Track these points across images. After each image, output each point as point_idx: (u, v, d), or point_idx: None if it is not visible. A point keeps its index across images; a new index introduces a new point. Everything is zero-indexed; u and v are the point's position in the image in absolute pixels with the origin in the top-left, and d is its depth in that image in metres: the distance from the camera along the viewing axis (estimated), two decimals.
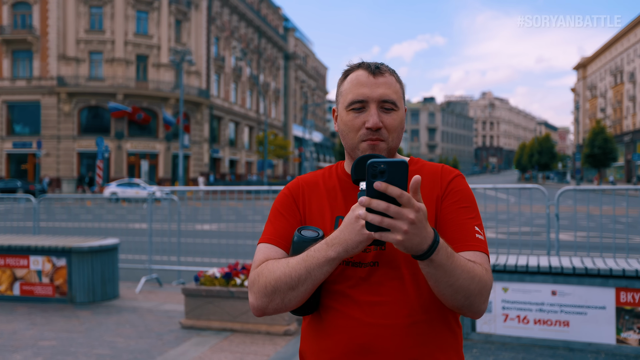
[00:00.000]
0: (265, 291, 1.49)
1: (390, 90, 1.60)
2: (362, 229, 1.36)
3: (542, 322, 5.40)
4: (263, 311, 1.53)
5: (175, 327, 6.10)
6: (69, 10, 42.54)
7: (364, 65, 1.63)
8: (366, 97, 1.57)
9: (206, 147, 48.73)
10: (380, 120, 1.57)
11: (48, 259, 7.35)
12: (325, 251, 1.42)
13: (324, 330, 1.56)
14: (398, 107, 1.61)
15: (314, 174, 1.75)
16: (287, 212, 1.66)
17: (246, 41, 58.71)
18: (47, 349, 5.43)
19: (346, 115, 1.61)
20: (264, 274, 1.51)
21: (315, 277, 1.44)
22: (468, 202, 1.60)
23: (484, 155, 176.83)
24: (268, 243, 1.62)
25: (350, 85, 1.61)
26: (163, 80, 44.56)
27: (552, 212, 6.75)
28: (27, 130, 43.35)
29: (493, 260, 5.60)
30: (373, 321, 1.49)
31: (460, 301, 1.45)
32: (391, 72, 1.64)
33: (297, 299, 1.48)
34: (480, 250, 1.52)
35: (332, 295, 1.56)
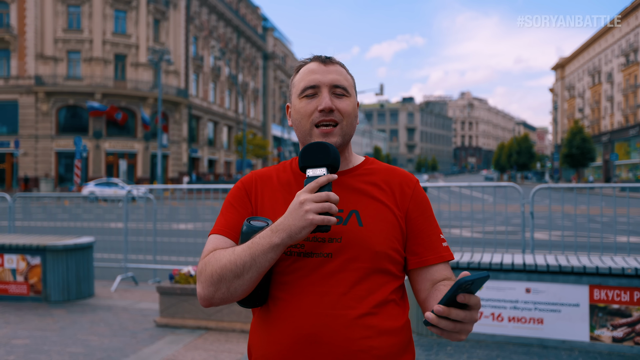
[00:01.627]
0: (212, 280, 1.48)
1: (342, 77, 1.64)
2: (306, 214, 1.38)
3: (517, 319, 5.45)
4: (210, 301, 1.52)
5: (150, 326, 6.07)
6: (46, 9, 42.02)
7: (315, 58, 1.68)
8: (318, 81, 1.61)
9: (185, 147, 48.46)
10: (333, 104, 1.60)
11: (22, 258, 7.26)
12: (269, 237, 1.42)
13: (272, 322, 1.55)
14: (350, 94, 1.65)
15: (269, 169, 1.75)
16: (239, 204, 1.66)
17: (225, 41, 58.48)
18: (20, 348, 5.36)
19: (299, 103, 1.64)
20: (210, 262, 1.50)
21: (260, 264, 1.44)
22: (430, 211, 1.69)
23: (463, 155, 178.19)
24: (218, 234, 1.61)
25: (302, 75, 1.66)
26: (141, 79, 44.21)
27: (527, 211, 6.82)
28: (4, 129, 42.71)
29: (468, 259, 5.65)
30: (321, 311, 1.49)
31: None
32: (341, 64, 1.69)
33: (242, 287, 1.47)
34: (449, 259, 1.64)
35: (281, 286, 1.55)
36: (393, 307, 1.57)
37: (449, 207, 7.88)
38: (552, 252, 7.11)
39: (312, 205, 1.38)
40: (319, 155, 1.48)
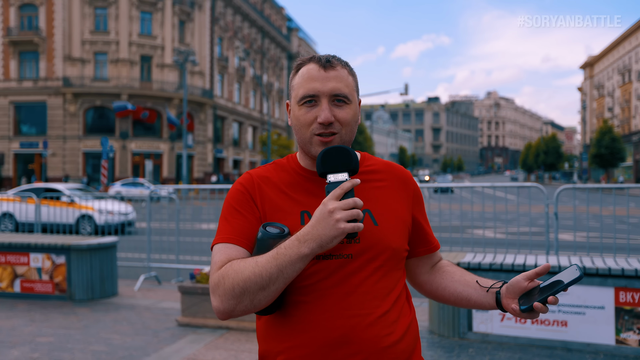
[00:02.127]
0: (233, 293, 1.43)
1: (342, 84, 1.58)
2: (337, 224, 1.35)
3: (540, 321, 5.37)
4: (230, 314, 1.48)
5: (172, 325, 6.11)
6: (74, 12, 42.68)
7: (314, 59, 1.61)
8: (317, 91, 1.56)
9: (210, 147, 48.80)
10: (333, 114, 1.55)
11: (48, 257, 7.37)
12: (297, 248, 1.38)
13: (296, 326, 1.53)
14: (350, 101, 1.60)
15: (264, 169, 1.70)
16: (244, 209, 1.59)
17: (249, 41, 58.77)
18: (44, 345, 5.45)
19: (298, 110, 1.59)
20: (229, 275, 1.44)
21: (287, 275, 1.41)
22: (424, 206, 1.79)
23: (490, 155, 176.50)
24: (227, 242, 1.54)
25: (301, 79, 1.60)
26: (167, 80, 44.66)
27: (551, 212, 6.72)
28: (33, 130, 43.51)
29: (490, 260, 5.59)
30: (348, 312, 1.50)
31: None
32: (343, 64, 1.63)
33: (267, 298, 1.44)
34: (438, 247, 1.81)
35: (303, 290, 1.53)
36: (405, 300, 1.63)
37: (471, 207, 7.80)
38: (577, 254, 6.99)
39: (342, 214, 1.35)
40: (340, 160, 1.45)
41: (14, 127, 43.61)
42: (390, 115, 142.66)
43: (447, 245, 8.02)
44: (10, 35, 42.58)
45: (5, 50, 43.15)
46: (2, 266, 7.54)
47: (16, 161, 43.71)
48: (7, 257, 7.52)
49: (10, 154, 43.30)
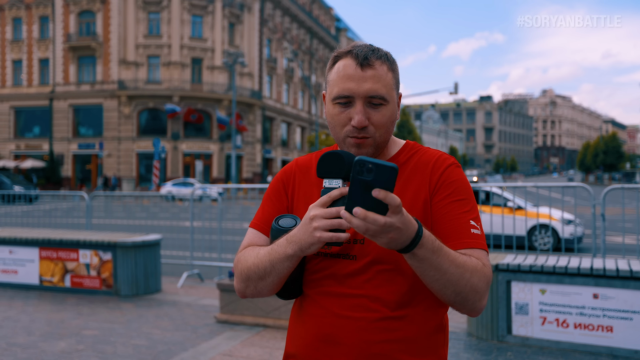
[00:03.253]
0: (242, 277, 1.55)
1: (379, 84, 1.49)
2: (314, 232, 1.34)
3: (583, 326, 5.20)
4: (243, 294, 1.60)
5: (211, 322, 6.21)
6: (129, 17, 43.85)
7: (352, 54, 1.51)
8: (352, 92, 1.48)
9: (259, 148, 49.31)
10: (367, 117, 1.49)
11: (95, 253, 7.60)
12: (285, 248, 1.43)
13: (301, 317, 1.59)
14: (387, 101, 1.51)
15: (310, 157, 1.70)
16: (276, 197, 1.66)
17: (298, 42, 59.09)
18: (89, 338, 5.63)
19: (332, 108, 1.54)
20: (241, 260, 1.57)
21: (279, 271, 1.47)
22: (463, 194, 1.51)
23: (545, 155, 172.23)
24: (254, 228, 1.64)
25: (336, 76, 1.52)
26: (217, 82, 45.37)
27: (598, 213, 6.51)
28: (90, 132, 44.94)
29: (531, 261, 5.46)
30: (340, 312, 1.49)
31: (450, 297, 1.41)
32: (383, 60, 1.52)
33: (267, 288, 1.53)
34: (476, 247, 1.46)
35: (310, 284, 1.57)
36: (421, 310, 1.50)
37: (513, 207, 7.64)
38: (625, 257, 6.76)
39: (321, 222, 1.33)
40: (334, 166, 1.42)
41: (73, 129, 45.16)
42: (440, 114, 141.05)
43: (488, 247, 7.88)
44: (70, 41, 44.14)
45: (66, 55, 44.73)
46: (54, 261, 7.82)
47: (74, 162, 45.23)
48: (58, 253, 7.80)
49: (69, 155, 44.86)
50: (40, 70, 46.00)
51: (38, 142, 45.85)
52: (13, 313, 6.68)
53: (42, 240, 7.88)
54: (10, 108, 46.32)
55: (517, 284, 5.40)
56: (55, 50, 44.96)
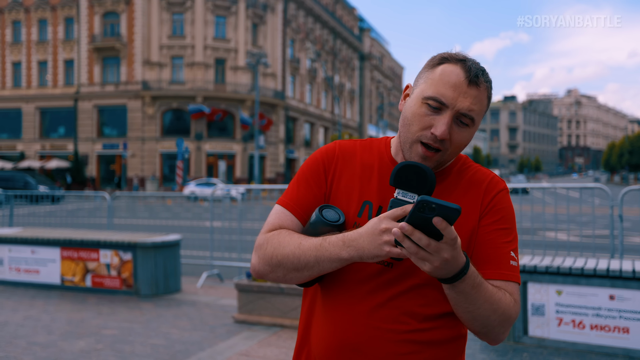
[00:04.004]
0: (271, 262, 1.47)
1: (477, 106, 1.44)
2: (383, 245, 1.30)
3: (600, 327, 5.17)
4: (262, 276, 1.52)
5: (229, 321, 6.28)
6: (153, 18, 44.31)
7: (465, 65, 1.45)
8: (450, 101, 1.42)
9: (282, 148, 49.46)
10: (449, 132, 1.43)
11: (116, 253, 7.72)
12: (339, 248, 1.37)
13: (324, 318, 1.53)
14: (474, 124, 1.47)
15: (354, 143, 1.63)
16: (314, 180, 1.57)
17: (321, 42, 59.13)
18: (108, 337, 5.73)
19: (419, 106, 1.46)
20: (273, 243, 1.47)
21: (322, 268, 1.41)
22: (508, 223, 1.51)
23: (570, 156, 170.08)
24: (286, 209, 1.55)
25: (440, 77, 1.44)
26: (240, 82, 45.62)
27: (616, 214, 6.44)
28: (115, 132, 45.51)
29: (547, 262, 5.43)
30: (370, 322, 1.45)
31: (477, 328, 1.43)
32: (487, 86, 1.48)
33: (298, 279, 1.47)
34: (512, 280, 1.46)
35: (338, 283, 1.50)
36: (447, 321, 1.50)
37: (531, 208, 7.60)
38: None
39: (392, 237, 1.27)
40: (414, 180, 1.36)
41: (97, 129, 45.79)
42: None
43: None
44: (95, 42, 44.74)
45: (90, 56, 45.36)
46: (75, 261, 7.96)
47: (99, 162, 45.85)
48: (79, 253, 7.94)
49: (94, 155, 45.48)
50: (65, 71, 46.71)
51: (63, 143, 46.57)
52: (34, 312, 6.82)
53: (63, 241, 8.02)
54: (36, 109, 47.13)
55: (533, 285, 5.38)
56: (80, 51, 45.62)
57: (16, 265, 8.40)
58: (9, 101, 47.76)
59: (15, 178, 32.06)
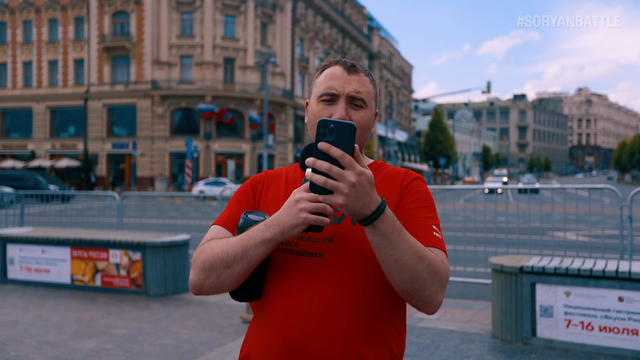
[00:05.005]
0: (203, 267, 1.51)
1: (362, 88, 1.63)
2: (299, 213, 1.37)
3: (609, 329, 5.15)
4: (199, 288, 1.54)
5: (237, 322, 6.31)
6: (162, 17, 44.46)
7: (340, 62, 1.66)
8: (337, 90, 1.60)
9: (290, 147, 49.53)
10: (348, 115, 1.59)
11: (125, 253, 7.77)
12: (262, 232, 1.43)
13: (263, 321, 1.55)
14: (367, 106, 1.63)
15: (281, 169, 1.79)
16: (243, 198, 1.70)
17: (330, 41, 59.13)
18: (117, 337, 5.76)
19: (316, 106, 1.64)
20: (204, 251, 1.53)
21: (250, 257, 1.45)
22: (427, 203, 1.62)
23: (580, 155, 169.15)
24: (219, 225, 1.65)
25: (324, 77, 1.65)
26: (249, 82, 45.70)
27: (625, 214, 6.42)
28: (124, 131, 45.72)
29: (556, 263, 5.41)
30: (312, 314, 1.48)
31: (409, 283, 1.41)
32: (367, 72, 1.67)
33: (232, 278, 1.48)
34: (437, 247, 1.52)
35: (274, 285, 1.55)
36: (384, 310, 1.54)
37: (540, 208, 7.56)
38: None
39: (307, 204, 1.37)
40: None
41: (107, 128, 46.02)
42: (474, 113, 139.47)
43: (514, 247, 7.82)
44: (105, 42, 44.95)
45: (100, 56, 45.60)
46: (85, 261, 8.02)
47: (109, 161, 46.08)
48: (89, 253, 7.99)
49: (104, 155, 45.71)
50: (75, 70, 46.97)
51: (73, 142, 46.83)
52: (45, 312, 6.88)
53: (73, 240, 8.08)
54: (46, 108, 47.42)
55: (541, 286, 5.36)
56: (90, 51, 45.86)
57: (27, 264, 8.47)
58: (20, 101, 48.10)
59: (26, 177, 32.28)
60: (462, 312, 6.73)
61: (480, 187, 8.89)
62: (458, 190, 10.47)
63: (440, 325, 6.13)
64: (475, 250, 7.98)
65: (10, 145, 48.45)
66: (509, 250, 7.67)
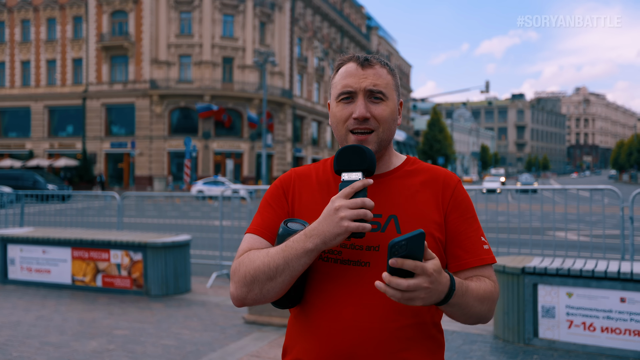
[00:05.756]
0: (245, 281, 1.49)
1: (380, 81, 1.59)
2: (340, 222, 1.36)
3: (610, 330, 5.16)
4: (242, 301, 1.53)
5: (239, 322, 6.31)
6: (161, 16, 44.40)
7: (354, 58, 1.63)
8: (353, 87, 1.58)
9: (289, 147, 49.50)
10: (369, 111, 1.56)
11: (126, 253, 7.76)
12: (303, 242, 1.41)
13: (309, 329, 1.55)
14: (387, 98, 1.60)
15: (308, 167, 1.74)
16: (276, 203, 1.65)
17: (329, 41, 59.10)
18: (119, 338, 5.76)
19: (336, 106, 1.62)
20: (244, 263, 1.51)
21: (293, 268, 1.44)
22: (471, 212, 1.63)
23: (578, 154, 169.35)
24: (254, 234, 1.61)
25: (339, 77, 1.62)
26: (248, 81, 45.67)
27: (627, 214, 6.43)
28: (123, 131, 45.66)
29: (558, 264, 5.42)
30: (360, 324, 1.48)
31: (471, 322, 1.54)
32: (382, 64, 1.63)
33: (275, 290, 1.47)
34: (489, 263, 1.58)
35: (319, 294, 1.54)
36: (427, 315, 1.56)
37: (541, 207, 7.58)
38: None
39: (347, 212, 1.36)
40: (354, 159, 1.46)
41: (106, 128, 45.95)
42: (472, 113, 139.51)
43: (515, 248, 7.83)
44: (103, 41, 44.88)
45: (99, 55, 45.53)
46: (86, 261, 8.01)
47: (107, 160, 46.02)
48: (90, 253, 7.98)
49: (102, 154, 45.66)
50: (74, 69, 46.88)
51: (71, 141, 46.75)
52: (46, 312, 6.87)
53: (74, 241, 8.07)
54: (45, 107, 47.33)
55: (543, 287, 5.37)
56: (88, 50, 45.79)
57: (27, 265, 8.47)
58: (18, 100, 48.01)
59: (25, 177, 32.21)
60: None
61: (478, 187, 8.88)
62: None
63: (442, 326, 6.12)
64: None
65: (8, 144, 48.38)
66: (510, 251, 7.68)
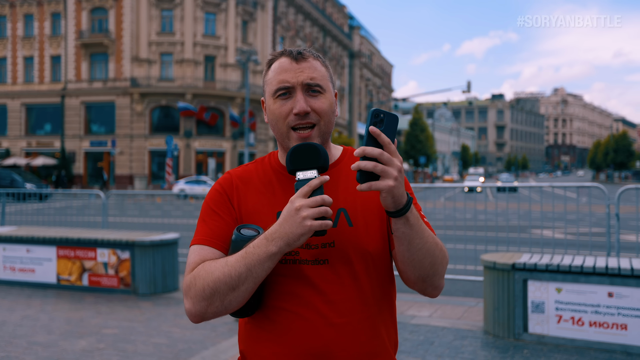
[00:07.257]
0: (203, 294, 1.41)
1: (316, 74, 1.55)
2: (303, 221, 1.34)
3: (598, 324, 5.24)
4: (202, 316, 1.45)
5: (230, 320, 6.28)
6: (141, 14, 44.03)
7: (286, 52, 1.58)
8: (291, 82, 1.53)
9: (271, 145, 49.41)
10: (308, 105, 1.52)
11: (113, 252, 7.70)
12: (265, 246, 1.37)
13: (276, 333, 1.51)
14: (325, 90, 1.57)
15: (246, 168, 1.67)
16: (221, 210, 1.57)
17: (311, 40, 59.11)
18: (109, 337, 5.71)
19: (273, 103, 1.56)
20: (200, 276, 1.42)
21: (256, 275, 1.39)
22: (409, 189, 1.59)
23: (556, 154, 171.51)
24: (203, 244, 1.52)
25: (274, 73, 1.57)
26: (230, 80, 45.50)
27: (613, 212, 6.53)
28: (102, 129, 45.19)
29: (547, 260, 5.49)
30: (329, 321, 1.48)
31: (427, 268, 1.47)
32: (315, 56, 1.60)
33: (237, 299, 1.41)
34: None
35: (282, 296, 1.51)
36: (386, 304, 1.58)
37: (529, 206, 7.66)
38: (639, 256, 6.77)
39: (309, 211, 1.34)
40: (308, 157, 1.43)
41: (85, 126, 45.44)
42: (452, 113, 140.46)
43: (504, 245, 7.91)
44: (82, 38, 44.35)
45: (78, 52, 45.00)
46: (72, 260, 7.93)
47: (86, 159, 45.52)
48: (76, 252, 7.90)
49: (81, 153, 45.14)
50: (52, 67, 46.27)
51: (49, 140, 46.15)
52: (32, 312, 6.79)
53: (59, 239, 7.98)
54: (22, 105, 46.65)
55: (533, 283, 5.44)
56: (67, 47, 45.22)
57: (11, 264, 8.35)
58: None
59: (2, 175, 31.74)
60: (452, 308, 6.80)
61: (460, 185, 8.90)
62: (438, 189, 10.64)
63: (432, 322, 6.18)
64: (465, 249, 8.04)
65: None
66: (499, 248, 7.76)
